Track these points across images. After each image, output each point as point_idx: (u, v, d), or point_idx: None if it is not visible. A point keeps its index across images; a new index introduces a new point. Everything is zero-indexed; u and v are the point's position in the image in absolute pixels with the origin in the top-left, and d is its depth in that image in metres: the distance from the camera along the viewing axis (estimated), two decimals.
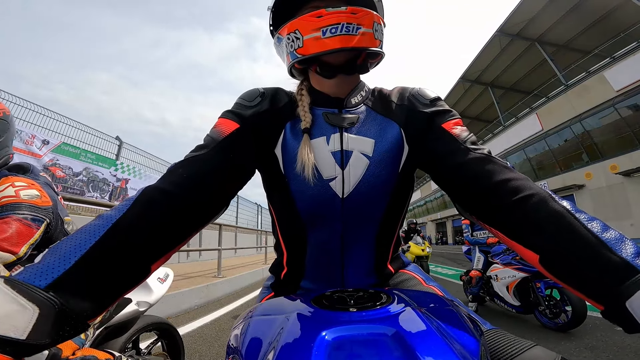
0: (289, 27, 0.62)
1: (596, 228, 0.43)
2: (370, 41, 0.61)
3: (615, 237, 0.42)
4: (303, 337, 0.36)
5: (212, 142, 0.60)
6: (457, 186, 0.61)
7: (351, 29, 0.58)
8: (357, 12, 0.59)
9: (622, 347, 2.42)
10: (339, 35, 0.58)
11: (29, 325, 0.35)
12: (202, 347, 2.68)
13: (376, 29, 0.62)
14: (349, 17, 0.58)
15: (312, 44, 0.59)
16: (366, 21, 0.60)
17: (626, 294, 0.37)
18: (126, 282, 0.46)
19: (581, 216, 0.45)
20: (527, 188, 0.51)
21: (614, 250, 0.40)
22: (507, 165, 0.57)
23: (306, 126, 0.64)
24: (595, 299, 0.41)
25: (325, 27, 0.58)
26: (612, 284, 0.39)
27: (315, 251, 0.68)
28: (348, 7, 0.58)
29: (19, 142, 6.56)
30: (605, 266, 0.40)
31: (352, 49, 0.59)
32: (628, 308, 0.37)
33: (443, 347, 0.32)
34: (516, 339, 0.48)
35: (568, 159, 16.77)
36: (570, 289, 0.44)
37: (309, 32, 0.59)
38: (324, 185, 0.63)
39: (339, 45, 0.58)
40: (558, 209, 0.46)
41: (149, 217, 0.48)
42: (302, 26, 0.60)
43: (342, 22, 0.57)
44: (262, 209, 19.04)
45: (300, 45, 0.61)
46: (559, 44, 17.47)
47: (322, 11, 0.58)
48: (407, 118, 0.67)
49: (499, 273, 3.63)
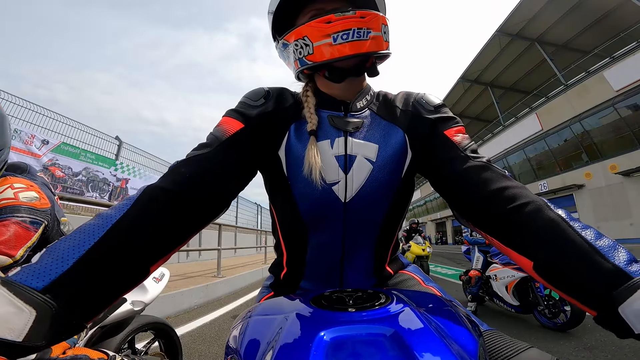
0: (297, 34, 0.61)
1: (589, 236, 0.44)
2: (380, 44, 0.61)
3: (609, 245, 0.42)
4: (302, 337, 0.36)
5: (216, 141, 0.59)
6: (455, 193, 0.61)
7: (362, 34, 0.58)
8: (366, 16, 0.58)
9: (620, 347, 2.43)
10: (350, 41, 0.57)
11: (25, 327, 0.35)
12: (202, 346, 2.68)
13: (384, 30, 0.62)
14: (359, 21, 0.57)
15: (323, 50, 0.59)
16: (375, 24, 0.59)
17: (619, 300, 0.37)
18: (125, 283, 0.45)
19: (575, 224, 0.46)
20: (523, 196, 0.51)
21: (606, 257, 0.41)
22: (505, 173, 0.58)
23: (312, 128, 0.63)
24: (588, 304, 0.42)
25: (335, 34, 0.57)
26: (604, 290, 0.39)
27: (316, 252, 0.68)
28: (357, 11, 0.57)
29: (18, 142, 6.56)
30: (598, 273, 0.40)
31: (364, 54, 0.59)
32: (621, 314, 0.37)
33: (442, 348, 0.33)
34: (512, 341, 0.48)
35: (568, 159, 16.79)
36: (563, 295, 0.45)
37: (318, 38, 0.58)
38: (326, 189, 0.63)
39: (351, 52, 0.58)
40: (553, 217, 0.47)
41: (150, 217, 0.48)
42: (311, 32, 0.59)
43: (352, 28, 0.57)
44: (261, 209, 19.04)
45: (310, 52, 0.60)
46: (558, 44, 17.49)
47: (332, 16, 0.57)
48: (411, 124, 0.67)
49: (498, 273, 3.63)
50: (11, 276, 0.38)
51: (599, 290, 0.40)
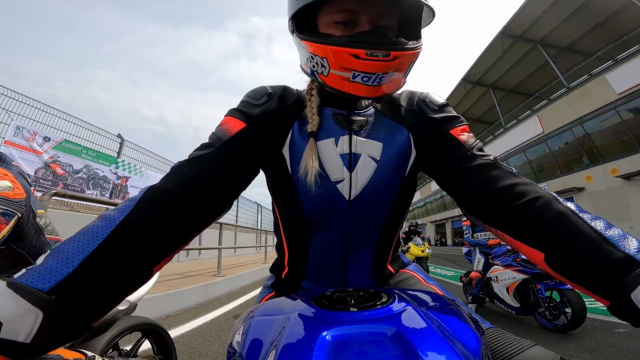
0: (316, 48, 0.57)
1: (599, 226, 0.44)
2: (397, 84, 0.60)
3: (619, 234, 0.43)
4: (304, 337, 0.36)
5: (218, 141, 0.59)
6: (463, 191, 0.61)
7: (385, 78, 0.55)
8: (399, 57, 0.54)
9: (620, 348, 2.43)
10: (369, 85, 0.56)
11: (33, 329, 0.35)
12: (202, 346, 2.68)
13: (410, 67, 0.60)
14: (387, 66, 0.54)
15: (338, 80, 0.57)
16: (404, 65, 0.57)
17: (631, 287, 0.37)
18: (129, 284, 0.45)
19: (585, 215, 0.46)
20: (532, 192, 0.52)
21: (617, 246, 0.41)
22: (512, 170, 0.58)
23: (312, 129, 0.63)
24: (600, 294, 0.42)
25: (357, 72, 0.54)
26: (615, 278, 0.39)
27: (318, 252, 0.68)
28: (391, 53, 0.53)
29: (20, 139, 6.56)
30: (608, 261, 0.40)
31: (377, 98, 0.59)
32: (634, 300, 0.37)
33: (444, 346, 0.33)
34: (515, 339, 0.48)
35: (568, 162, 16.77)
36: (575, 286, 0.45)
37: (338, 68, 0.56)
38: (331, 187, 0.63)
39: (364, 94, 0.57)
40: (562, 209, 0.47)
41: (153, 218, 0.48)
42: (333, 57, 0.55)
43: (377, 73, 0.54)
44: (262, 208, 19.05)
45: (324, 74, 0.58)
46: (561, 46, 17.47)
47: (362, 53, 0.52)
48: (416, 123, 0.67)
49: (499, 274, 3.63)
50: (17, 278, 0.38)
51: (609, 279, 0.40)
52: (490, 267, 3.91)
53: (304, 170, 0.60)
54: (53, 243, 0.92)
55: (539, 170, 18.95)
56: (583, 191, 15.43)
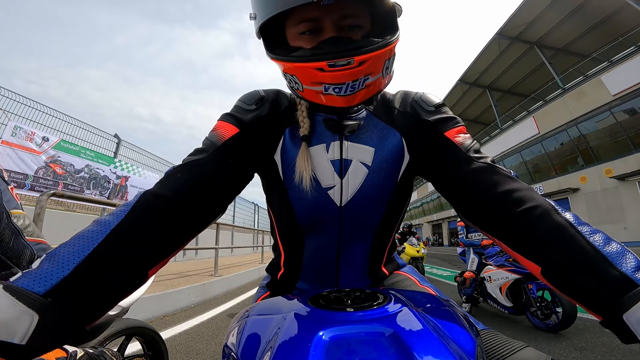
0: (286, 68, 0.57)
1: (598, 241, 0.43)
2: (378, 85, 0.59)
3: (617, 251, 0.42)
4: (300, 336, 0.36)
5: (211, 147, 0.59)
6: (460, 196, 0.60)
7: (357, 85, 0.54)
8: (367, 61, 0.52)
9: (610, 347, 2.47)
10: (342, 96, 0.55)
11: (28, 330, 0.35)
12: (199, 345, 2.70)
13: (387, 66, 0.58)
14: (355, 73, 0.52)
15: (313, 94, 0.57)
16: (376, 67, 0.55)
17: (623, 307, 0.38)
18: (124, 288, 0.45)
19: (584, 229, 0.45)
20: (530, 199, 0.50)
21: (614, 264, 0.41)
22: (510, 174, 0.56)
23: (305, 133, 0.62)
24: (594, 310, 0.42)
25: (327, 84, 0.54)
26: (610, 297, 0.39)
27: (312, 255, 0.68)
28: (355, 59, 0.51)
29: (19, 139, 6.52)
30: (604, 280, 0.40)
31: (356, 105, 0.58)
32: (625, 320, 0.38)
33: (440, 347, 0.33)
34: (508, 340, 0.49)
35: (563, 163, 16.93)
36: (571, 300, 0.45)
37: (308, 83, 0.56)
38: (322, 193, 0.63)
39: (341, 105, 0.57)
40: (561, 221, 0.46)
41: (147, 223, 0.48)
42: (301, 75, 0.55)
43: (346, 82, 0.53)
44: (259, 208, 19.00)
45: (300, 89, 0.58)
46: (557, 48, 17.61)
47: (324, 65, 0.51)
48: (409, 126, 0.65)
49: (493, 274, 3.67)
50: (13, 281, 0.38)
51: (604, 298, 0.40)
52: (484, 267, 3.95)
53: (298, 176, 0.61)
54: (34, 245, 0.87)
55: (535, 171, 19.10)
56: (578, 192, 15.58)
